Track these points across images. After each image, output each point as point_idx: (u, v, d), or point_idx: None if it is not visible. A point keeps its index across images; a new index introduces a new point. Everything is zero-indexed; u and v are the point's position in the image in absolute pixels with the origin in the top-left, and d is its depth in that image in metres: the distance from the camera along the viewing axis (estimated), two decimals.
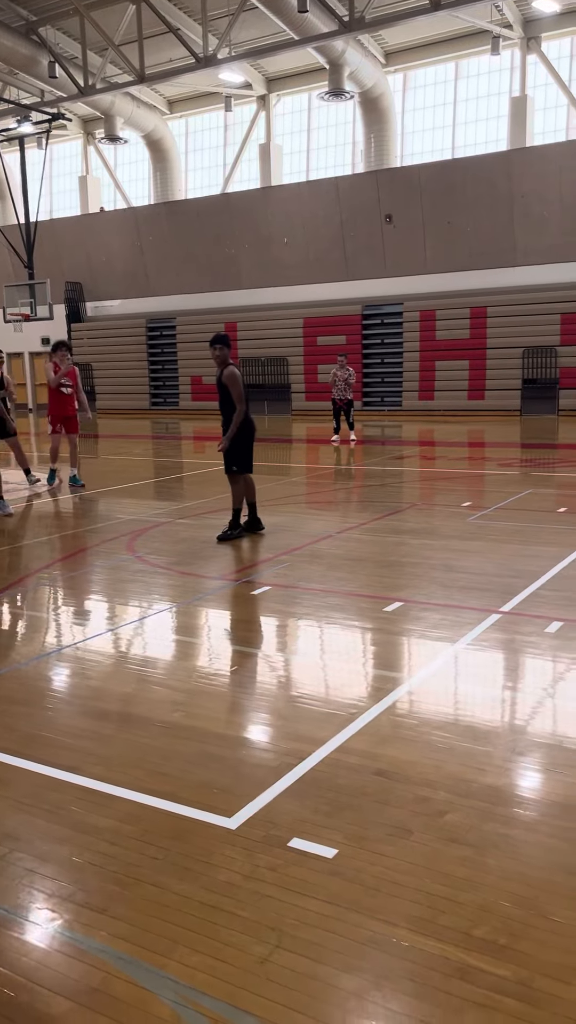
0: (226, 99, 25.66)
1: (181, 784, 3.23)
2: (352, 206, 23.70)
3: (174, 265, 27.36)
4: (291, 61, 24.12)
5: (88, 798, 3.16)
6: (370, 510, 9.38)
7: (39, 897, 2.57)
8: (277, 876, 2.64)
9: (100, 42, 21.65)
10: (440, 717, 3.85)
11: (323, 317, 24.70)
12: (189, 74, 21.44)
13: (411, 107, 25.10)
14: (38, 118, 22.65)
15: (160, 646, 5.12)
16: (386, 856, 2.74)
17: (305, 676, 4.51)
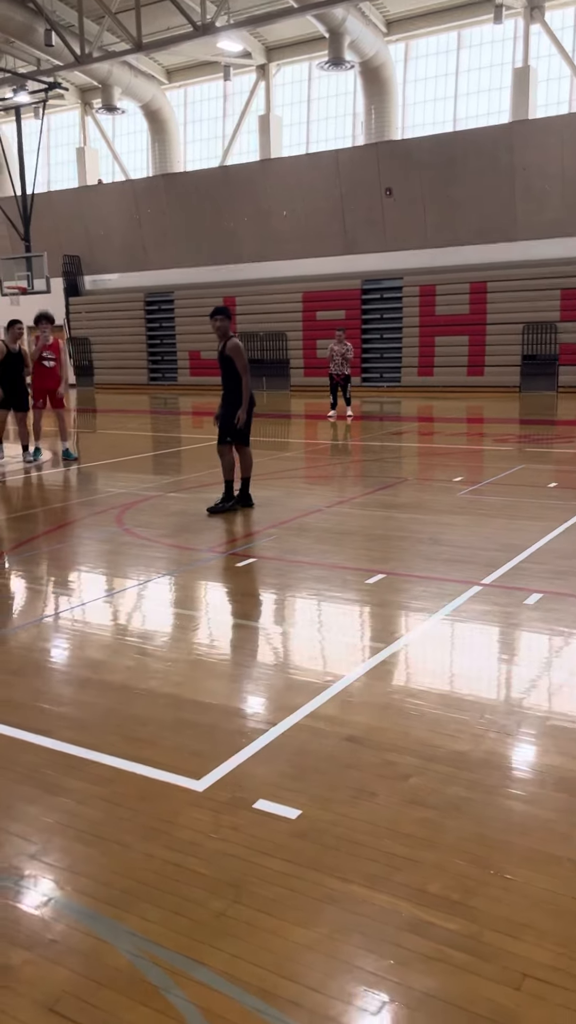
0: (225, 68, 25.35)
1: (154, 749, 3.28)
2: (352, 179, 23.47)
3: (173, 238, 27.17)
4: (291, 30, 23.80)
5: (61, 761, 3.21)
6: (362, 485, 9.40)
7: (6, 855, 2.62)
8: (240, 836, 2.69)
9: (97, 9, 21.34)
10: (414, 685, 3.90)
11: (322, 291, 24.55)
12: (187, 42, 21.17)
13: (412, 78, 24.79)
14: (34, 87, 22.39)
15: (142, 616, 5.17)
16: (348, 817, 2.79)
17: (284, 645, 4.55)
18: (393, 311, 23.81)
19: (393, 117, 24.48)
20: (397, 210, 23.19)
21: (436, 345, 23.17)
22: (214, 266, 26.64)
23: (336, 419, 16.52)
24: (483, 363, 22.58)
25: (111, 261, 28.69)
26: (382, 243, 23.74)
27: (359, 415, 17.22)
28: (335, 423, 16.12)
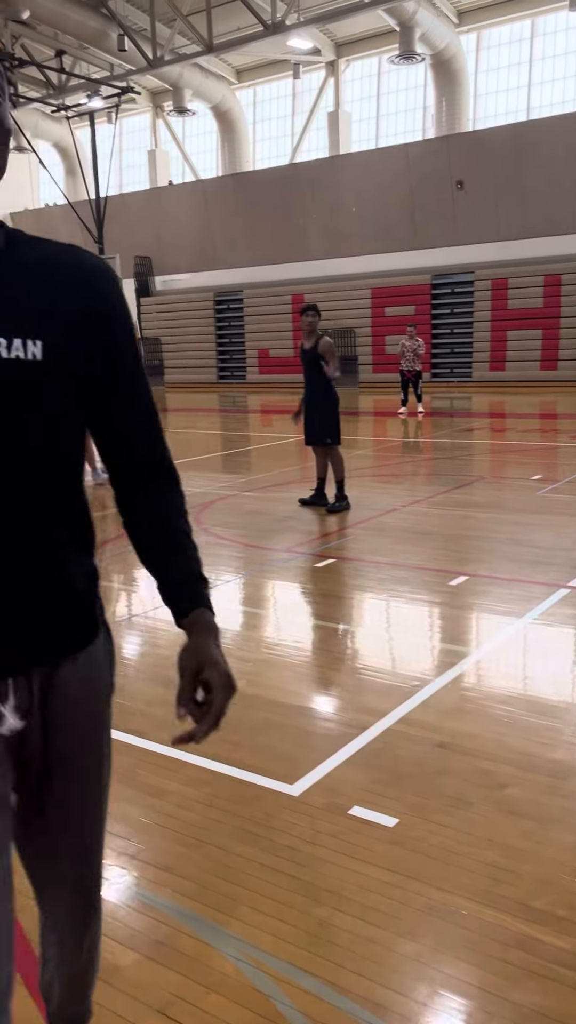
0: (294, 66, 25.35)
1: (246, 751, 3.31)
2: (422, 173, 23.21)
3: (241, 237, 27.31)
4: (361, 25, 23.65)
5: (156, 762, 3.26)
6: (437, 483, 9.29)
7: (109, 854, 2.67)
8: (338, 843, 2.68)
9: (168, 13, 21.58)
10: (504, 691, 3.83)
11: (392, 287, 24.35)
12: (257, 42, 21.23)
13: (485, 68, 24.38)
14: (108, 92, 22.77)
15: (226, 616, 5.20)
16: (446, 827, 2.76)
17: (369, 648, 4.53)
18: (464, 305, 23.47)
19: (464, 108, 24.11)
20: (468, 203, 22.84)
21: (508, 340, 22.76)
22: (283, 264, 26.68)
23: (407, 416, 16.38)
24: (557, 357, 22.08)
25: (181, 261, 29.02)
26: (453, 237, 23.42)
27: (430, 411, 17.04)
28: (406, 420, 15.99)
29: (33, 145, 26.51)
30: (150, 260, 29.59)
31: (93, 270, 1.35)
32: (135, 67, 23.31)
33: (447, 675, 4.00)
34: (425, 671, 4.10)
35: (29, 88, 26.27)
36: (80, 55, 24.05)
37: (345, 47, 25.71)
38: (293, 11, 20.17)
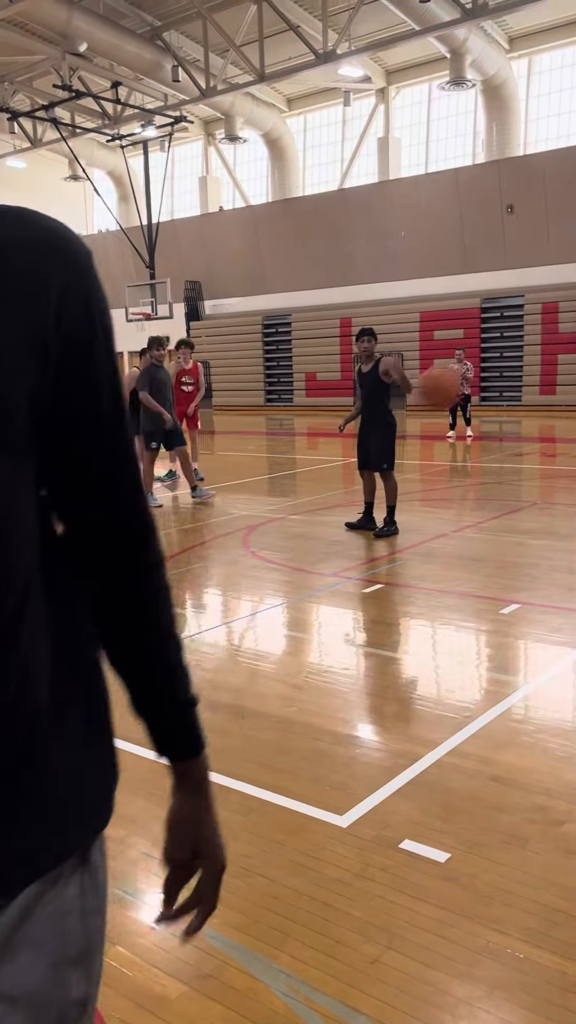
0: (345, 94, 25.61)
1: (294, 779, 3.26)
2: (472, 197, 23.20)
3: (290, 262, 27.56)
4: (411, 52, 23.83)
5: None
6: (487, 508, 9.18)
7: (155, 881, 2.65)
8: (388, 877, 2.62)
9: (221, 44, 22.00)
10: (559, 724, 3.73)
11: (440, 311, 24.30)
12: (309, 71, 21.50)
13: (536, 93, 24.34)
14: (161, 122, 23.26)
15: (273, 641, 5.18)
16: (500, 864, 2.68)
17: (418, 676, 4.46)
18: (514, 329, 23.31)
19: (515, 133, 24.08)
20: (518, 227, 22.74)
21: (559, 363, 22.51)
22: (331, 288, 26.83)
23: (455, 439, 16.26)
24: None
25: (231, 286, 29.36)
26: (503, 261, 23.32)
27: (479, 435, 16.90)
28: (454, 443, 15.87)
29: (88, 173, 27.19)
30: (200, 284, 29.99)
31: (51, 251, 0.83)
32: (188, 97, 23.78)
33: (499, 706, 3.91)
34: (476, 701, 4.02)
35: (85, 119, 26.96)
36: (135, 86, 24.61)
37: (395, 74, 25.91)
38: (344, 40, 20.40)
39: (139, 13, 22.40)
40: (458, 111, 25.67)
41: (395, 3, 18.58)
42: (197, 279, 29.93)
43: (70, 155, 27.77)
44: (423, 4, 18.16)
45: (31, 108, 25.70)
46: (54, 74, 24.19)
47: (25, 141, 28.02)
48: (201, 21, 21.47)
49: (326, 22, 20.34)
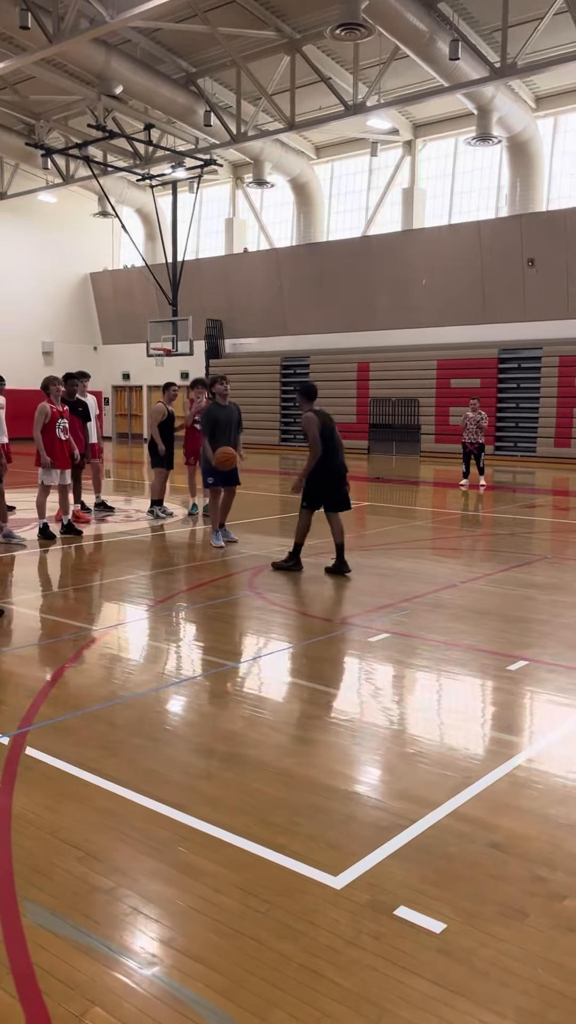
0: (372, 145, 26.07)
1: (289, 835, 3.18)
2: (494, 249, 23.47)
3: (311, 305, 27.86)
4: (439, 107, 24.28)
5: (194, 839, 3.15)
6: (497, 560, 9.11)
7: (141, 938, 2.57)
8: (381, 946, 2.53)
9: (254, 91, 22.49)
10: (562, 790, 3.63)
11: (458, 360, 24.45)
12: (338, 121, 21.93)
13: (561, 151, 24.69)
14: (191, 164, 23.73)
15: (274, 687, 5.10)
16: (498, 939, 2.58)
17: (420, 731, 4.37)
18: (531, 381, 23.40)
19: (539, 189, 24.40)
20: (539, 280, 22.95)
21: (575, 416, 22.53)
22: (350, 332, 27.08)
23: (468, 488, 16.23)
24: None
25: (251, 326, 29.67)
26: (522, 313, 23.49)
27: (491, 485, 16.86)
28: (467, 492, 15.83)
29: (117, 210, 27.69)
30: (221, 323, 30.31)
31: None
32: (219, 141, 24.26)
33: (502, 767, 3.82)
34: (479, 761, 3.93)
35: (117, 158, 27.53)
36: (167, 128, 25.15)
37: (423, 127, 26.38)
38: (374, 93, 20.83)
39: (175, 59, 22.97)
40: (483, 165, 26.06)
41: (425, 60, 18.98)
42: (219, 318, 30.26)
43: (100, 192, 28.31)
44: (452, 62, 18.54)
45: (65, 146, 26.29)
46: (89, 114, 24.77)
47: (57, 177, 28.60)
48: (235, 69, 21.98)
49: (357, 75, 20.79)
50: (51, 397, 9.81)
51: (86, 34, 18.02)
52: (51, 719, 4.34)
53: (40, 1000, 2.28)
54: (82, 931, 2.58)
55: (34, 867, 2.94)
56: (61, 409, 9.91)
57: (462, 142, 24.66)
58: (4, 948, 2.50)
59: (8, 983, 2.34)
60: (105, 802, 3.43)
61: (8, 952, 2.48)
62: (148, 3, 16.60)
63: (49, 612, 6.73)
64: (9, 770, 3.72)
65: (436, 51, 18.61)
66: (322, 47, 21.55)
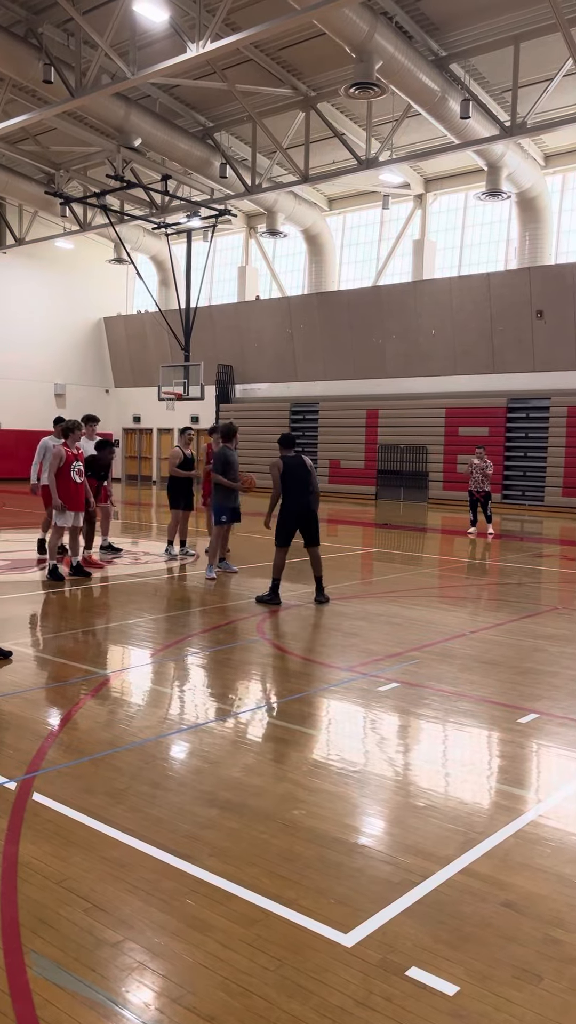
0: (384, 198, 26.59)
1: (298, 889, 3.13)
2: (503, 301, 23.78)
3: (321, 352, 28.19)
4: (450, 163, 24.82)
5: (202, 891, 3.11)
6: (506, 610, 9.07)
7: (148, 994, 2.52)
8: (393, 1008, 2.48)
9: (269, 145, 23.05)
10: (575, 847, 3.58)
11: (466, 408, 24.63)
12: (351, 175, 22.43)
13: (569, 207, 25.15)
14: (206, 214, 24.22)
15: (283, 736, 5.06)
16: (512, 1003, 2.53)
17: (429, 784, 4.32)
18: (539, 430, 23.51)
19: (547, 243, 24.80)
20: (547, 332, 23.20)
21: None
22: (359, 380, 27.35)
23: (476, 536, 16.23)
24: None
25: (262, 371, 29.99)
26: (530, 363, 23.72)
27: (499, 533, 16.85)
28: (475, 540, 15.82)
29: (132, 257, 28.21)
30: (232, 368, 30.65)
31: None
32: (234, 192, 24.80)
33: (514, 824, 3.77)
34: (490, 817, 3.87)
35: (134, 206, 28.14)
36: (183, 179, 25.74)
37: (434, 182, 26.94)
38: (386, 149, 21.32)
39: (193, 114, 23.61)
40: (492, 219, 26.54)
41: (436, 118, 19.46)
42: (229, 363, 30.61)
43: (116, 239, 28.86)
44: (463, 120, 19.01)
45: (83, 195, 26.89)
46: (108, 164, 25.40)
47: (75, 224, 29.21)
48: (251, 124, 22.57)
49: (370, 131, 21.31)
50: (69, 441, 9.90)
51: (107, 89, 18.56)
52: (58, 764, 4.31)
53: None
54: (89, 985, 2.54)
55: (41, 918, 2.90)
56: (77, 453, 10.00)
57: (472, 196, 25.16)
58: (10, 1000, 2.46)
59: None
60: (112, 851, 3.40)
61: (14, 1005, 2.44)
62: (168, 60, 17.13)
63: (56, 654, 6.72)
64: (16, 816, 3.68)
65: (447, 109, 19.09)
66: (336, 104, 22.14)
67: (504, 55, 18.52)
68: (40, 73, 18.48)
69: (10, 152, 25.23)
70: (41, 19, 19.02)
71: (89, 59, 18.55)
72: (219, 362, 30.22)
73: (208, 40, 16.35)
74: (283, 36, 18.72)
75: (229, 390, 30.74)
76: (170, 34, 18.29)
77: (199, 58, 16.81)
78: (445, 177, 26.52)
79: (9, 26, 18.88)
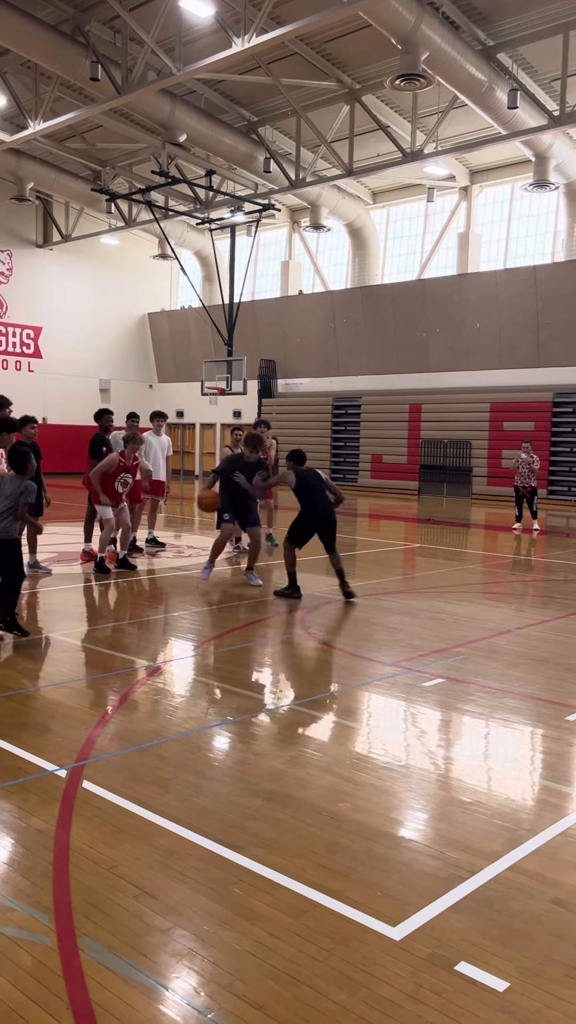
0: (429, 190, 26.36)
1: (346, 882, 3.14)
2: (549, 294, 23.43)
3: (364, 347, 28.07)
4: (496, 154, 24.50)
5: (250, 880, 3.13)
6: (553, 607, 8.96)
7: (198, 980, 2.55)
8: (442, 1002, 2.47)
9: (313, 139, 22.99)
10: None
11: (512, 402, 24.33)
12: (395, 167, 22.28)
13: None
14: (250, 209, 24.26)
15: (328, 730, 5.07)
16: (563, 1000, 2.51)
17: (477, 781, 4.29)
18: None
19: None
20: None
21: None
22: (402, 374, 27.18)
23: (521, 531, 16.04)
24: None
25: (304, 366, 29.97)
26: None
27: (545, 529, 16.64)
28: (519, 536, 15.64)
29: (176, 252, 28.39)
30: (274, 363, 30.69)
31: None
32: (277, 187, 24.79)
33: (563, 822, 3.73)
34: (538, 814, 3.84)
35: (178, 202, 28.31)
36: (227, 174, 25.80)
37: (479, 174, 26.63)
38: (432, 141, 21.13)
39: (237, 109, 23.64)
40: (539, 211, 26.15)
41: (483, 108, 19.22)
42: (272, 358, 30.65)
43: (161, 235, 29.08)
44: (511, 110, 18.75)
45: (129, 191, 27.13)
46: (153, 161, 25.57)
47: (120, 221, 29.48)
48: (295, 118, 22.53)
49: (415, 123, 21.15)
50: (126, 451, 9.92)
51: (153, 86, 18.68)
52: (106, 753, 4.37)
53: None
54: (139, 970, 2.58)
55: (92, 903, 2.95)
56: (130, 464, 10.01)
57: (519, 188, 24.82)
58: (63, 983, 2.50)
59: (68, 1020, 2.35)
60: (161, 839, 3.44)
61: (67, 987, 2.48)
62: (214, 56, 17.18)
63: (103, 646, 6.80)
64: (66, 803, 3.75)
65: (494, 100, 18.84)
66: (381, 96, 21.99)
67: (553, 44, 18.22)
68: (87, 71, 18.66)
69: (57, 150, 25.53)
70: (88, 17, 19.20)
71: (135, 56, 18.68)
72: (262, 357, 30.27)
73: (253, 34, 16.36)
74: (328, 29, 18.65)
75: (271, 385, 30.78)
76: (215, 29, 18.33)
77: (244, 53, 16.83)
78: (491, 169, 26.20)
79: (57, 24, 19.09)
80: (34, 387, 30.46)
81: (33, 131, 21.69)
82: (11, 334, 30.86)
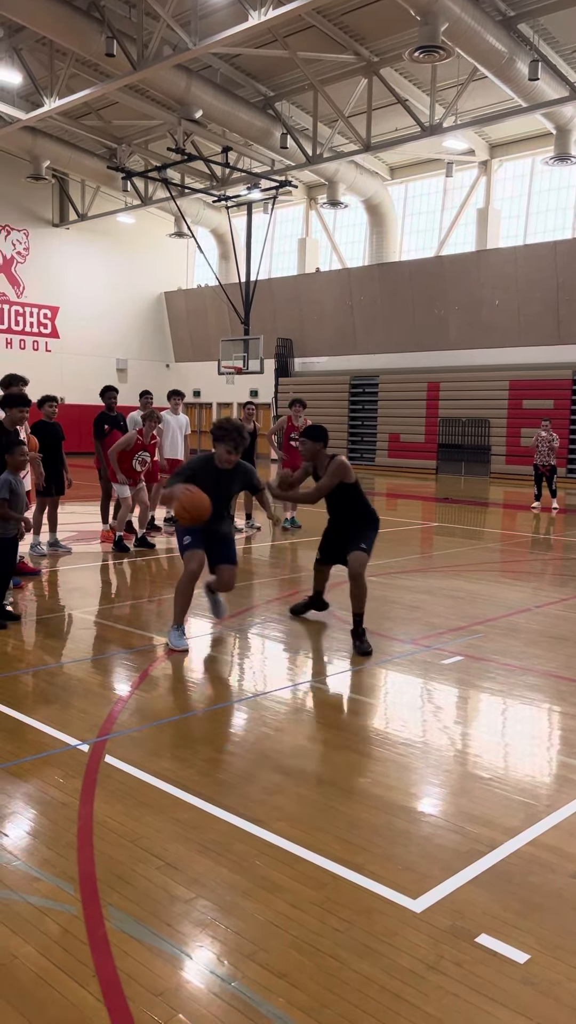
0: (448, 165, 26.03)
1: (367, 856, 3.16)
2: (570, 270, 23.13)
3: (382, 324, 27.87)
4: (516, 127, 24.12)
5: (271, 854, 3.16)
6: (572, 585, 8.92)
7: (221, 949, 2.58)
8: (463, 973, 2.50)
9: (330, 114, 22.73)
10: None
11: (531, 380, 24.12)
12: (414, 142, 21.99)
13: None
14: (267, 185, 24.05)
15: (346, 706, 5.09)
16: None
17: (497, 757, 4.30)
18: None
19: None
20: None
21: None
22: (421, 352, 26.98)
23: (540, 510, 15.96)
24: None
25: (321, 345, 29.82)
26: None
27: (564, 508, 16.53)
28: (538, 515, 15.56)
29: (192, 230, 28.24)
30: (291, 342, 30.55)
31: None
32: (294, 163, 24.56)
33: None
34: (557, 790, 3.84)
35: (194, 179, 28.12)
36: (244, 151, 25.58)
37: (499, 148, 26.24)
38: (451, 114, 20.83)
39: (254, 83, 23.38)
40: (560, 185, 25.75)
41: (503, 80, 18.91)
42: (289, 336, 30.50)
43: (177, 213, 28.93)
44: (531, 82, 18.43)
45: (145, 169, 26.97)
46: (168, 138, 25.38)
47: (136, 199, 29.34)
48: (312, 93, 22.26)
49: (434, 96, 20.84)
50: (144, 429, 9.94)
51: (169, 61, 18.51)
52: (127, 728, 4.42)
53: (125, 1006, 2.31)
54: (164, 939, 2.62)
55: (117, 874, 2.99)
56: (148, 443, 10.03)
57: (539, 162, 24.45)
58: (89, 951, 2.55)
59: (94, 987, 2.39)
60: (183, 813, 3.47)
61: (94, 955, 2.52)
62: (230, 30, 16.98)
63: (123, 623, 6.85)
64: (89, 777, 3.79)
65: (515, 71, 18.53)
66: (399, 69, 21.67)
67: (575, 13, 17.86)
68: (102, 46, 18.52)
69: (73, 127, 25.41)
70: None
71: (151, 31, 18.50)
72: (279, 335, 30.13)
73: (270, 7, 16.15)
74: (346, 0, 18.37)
75: (288, 364, 30.66)
76: (231, 2, 18.10)
77: (261, 26, 16.63)
78: (511, 142, 25.81)
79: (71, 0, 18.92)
80: (51, 367, 30.51)
81: (49, 108, 21.57)
82: (28, 314, 30.90)
